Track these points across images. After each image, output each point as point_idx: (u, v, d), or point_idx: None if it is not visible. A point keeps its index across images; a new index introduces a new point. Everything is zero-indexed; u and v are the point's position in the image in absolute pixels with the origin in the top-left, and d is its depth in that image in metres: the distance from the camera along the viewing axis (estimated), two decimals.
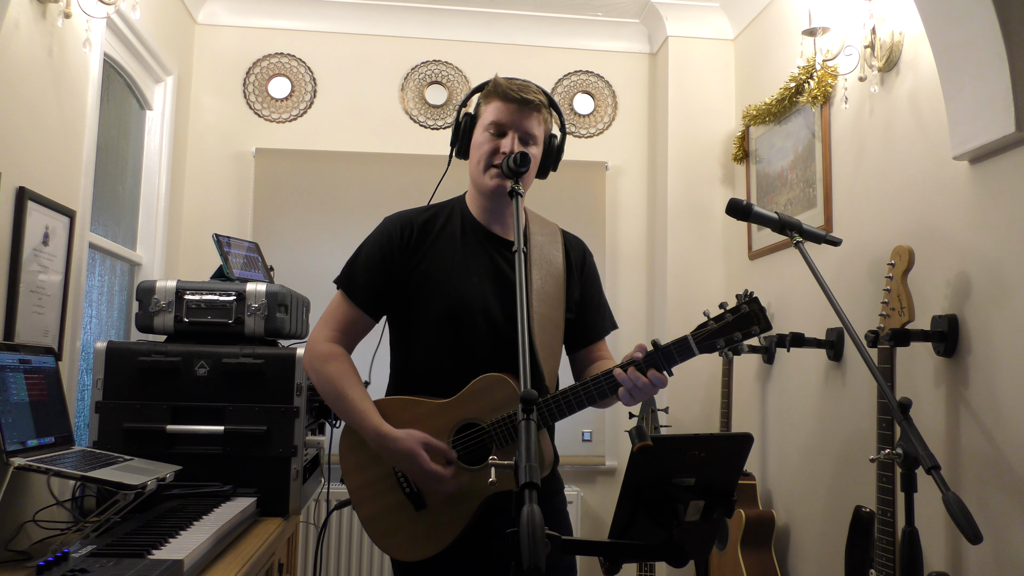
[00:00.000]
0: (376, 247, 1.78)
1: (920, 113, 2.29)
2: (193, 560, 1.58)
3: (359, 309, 1.77)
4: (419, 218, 1.80)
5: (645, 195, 3.90)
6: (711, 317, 1.53)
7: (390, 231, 1.78)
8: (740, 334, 1.51)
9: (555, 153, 1.82)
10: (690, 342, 1.53)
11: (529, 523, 0.93)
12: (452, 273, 1.74)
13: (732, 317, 1.52)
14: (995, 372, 1.95)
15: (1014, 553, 1.87)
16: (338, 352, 1.76)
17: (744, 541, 2.85)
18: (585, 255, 1.89)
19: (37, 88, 2.14)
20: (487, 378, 1.65)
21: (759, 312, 1.51)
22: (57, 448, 1.92)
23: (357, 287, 1.77)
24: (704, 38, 3.74)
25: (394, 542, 1.70)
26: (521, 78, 1.78)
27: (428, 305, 1.73)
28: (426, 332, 1.74)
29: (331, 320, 1.78)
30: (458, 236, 1.78)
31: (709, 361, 3.47)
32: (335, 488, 3.32)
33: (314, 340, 1.78)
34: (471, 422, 1.65)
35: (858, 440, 2.51)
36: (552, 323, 1.74)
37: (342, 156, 3.68)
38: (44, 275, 2.16)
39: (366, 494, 1.72)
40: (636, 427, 1.15)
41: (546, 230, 1.85)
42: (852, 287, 2.55)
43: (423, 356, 1.75)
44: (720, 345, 1.52)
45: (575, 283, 1.83)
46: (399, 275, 1.76)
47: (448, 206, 1.85)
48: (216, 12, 3.67)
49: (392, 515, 1.69)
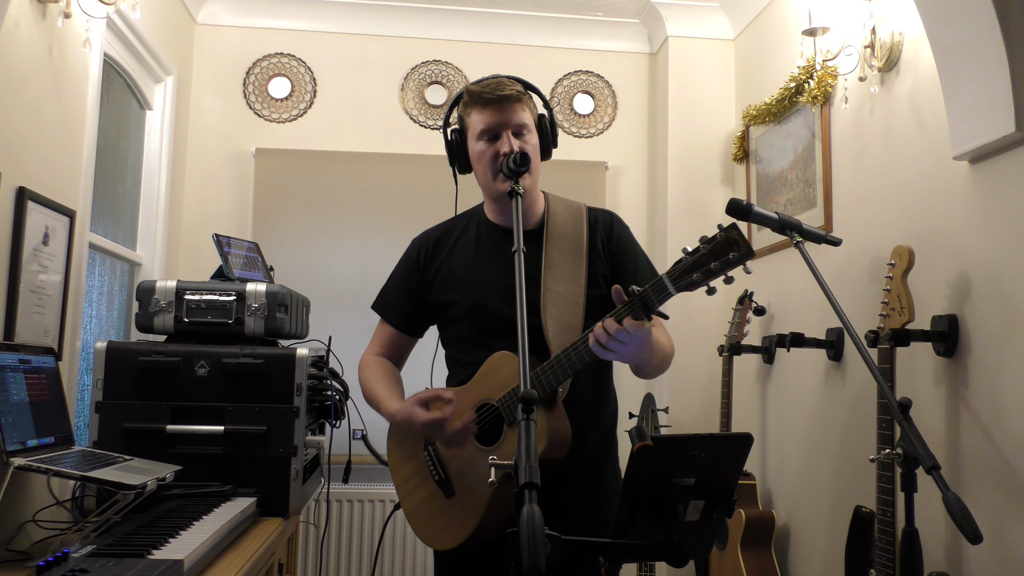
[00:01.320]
0: (402, 269, 1.94)
1: (920, 113, 2.29)
2: (193, 560, 1.58)
3: (394, 328, 1.94)
4: (436, 233, 1.92)
5: (645, 195, 3.90)
6: (687, 252, 1.43)
7: (411, 252, 1.93)
8: (718, 263, 1.37)
9: (550, 130, 1.83)
10: (665, 282, 1.44)
11: (529, 523, 0.93)
12: (467, 275, 1.82)
13: (707, 248, 1.39)
14: (995, 372, 1.95)
15: (1014, 553, 1.87)
16: (375, 359, 1.95)
17: (744, 541, 2.85)
18: (613, 226, 1.85)
19: (37, 88, 2.14)
20: (495, 356, 1.72)
21: (737, 237, 1.37)
22: (57, 448, 1.92)
23: (389, 309, 1.95)
24: (704, 38, 3.74)
25: (430, 532, 1.78)
26: (489, 76, 1.79)
27: (451, 309, 1.84)
28: (455, 332, 1.85)
29: (376, 340, 1.99)
30: (473, 241, 1.85)
31: (709, 361, 3.47)
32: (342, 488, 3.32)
33: (362, 357, 1.98)
34: (485, 401, 1.71)
35: (858, 440, 2.50)
36: (568, 299, 1.74)
37: (342, 156, 3.68)
38: (44, 275, 2.16)
39: (408, 487, 1.83)
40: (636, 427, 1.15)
41: (570, 210, 1.86)
42: (852, 287, 2.55)
43: (457, 354, 1.86)
44: (697, 279, 1.40)
45: (599, 258, 1.81)
46: (421, 291, 1.89)
47: (466, 216, 1.92)
48: (216, 12, 3.67)
49: (428, 506, 1.78)
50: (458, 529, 1.71)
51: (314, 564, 3.39)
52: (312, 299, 2.90)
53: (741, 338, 3.02)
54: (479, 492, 1.68)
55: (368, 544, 3.46)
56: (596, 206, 1.90)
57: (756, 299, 3.02)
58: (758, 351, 3.15)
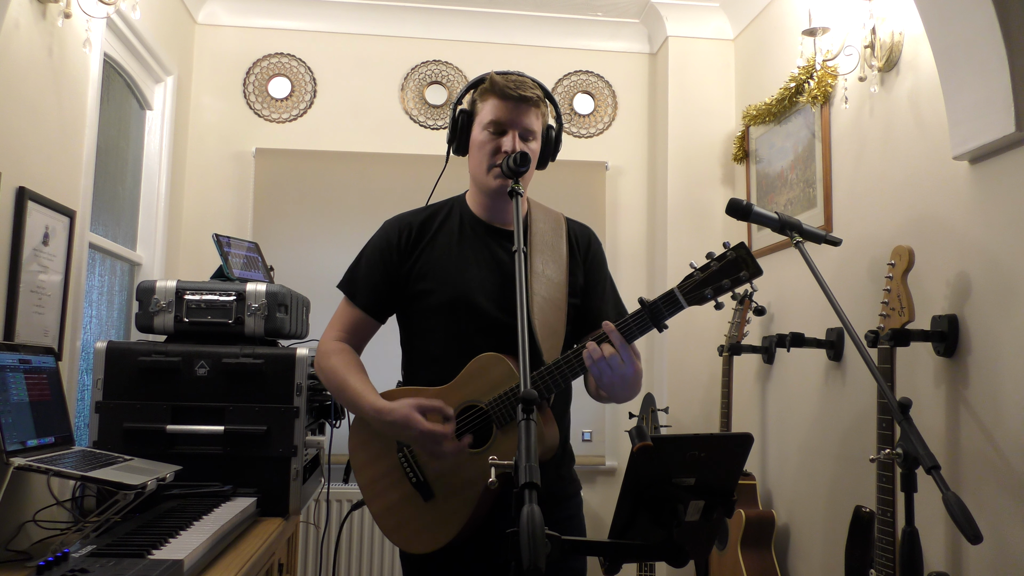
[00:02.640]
0: (376, 251, 1.82)
1: (920, 113, 2.29)
2: (193, 560, 1.58)
3: (362, 311, 1.82)
4: (417, 218, 1.83)
5: (645, 195, 3.90)
6: (696, 268, 1.49)
7: (388, 234, 1.82)
8: (728, 281, 1.46)
9: (553, 144, 1.82)
10: (676, 295, 1.49)
11: (529, 523, 0.93)
12: (449, 265, 1.76)
13: (718, 265, 1.46)
14: (995, 372, 1.95)
15: (1014, 553, 1.87)
16: (341, 347, 1.81)
17: (744, 541, 2.85)
18: (590, 241, 1.88)
19: (37, 88, 2.14)
20: (482, 358, 1.66)
21: (746, 256, 1.45)
22: (57, 448, 1.92)
23: (358, 290, 1.82)
24: (704, 38, 3.74)
25: (404, 535, 1.72)
26: (516, 72, 1.77)
27: (428, 298, 1.76)
28: (428, 324, 1.77)
29: (337, 323, 1.84)
30: (456, 231, 1.80)
31: (709, 361, 3.47)
32: (342, 488, 3.32)
33: (321, 342, 1.84)
34: (471, 404, 1.66)
35: (858, 440, 2.50)
36: (553, 304, 1.74)
37: (342, 156, 3.68)
38: (44, 275, 2.16)
39: (376, 489, 1.75)
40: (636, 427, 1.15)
41: (549, 218, 1.86)
42: (852, 287, 2.55)
43: (427, 348, 1.78)
44: (709, 295, 1.47)
45: (578, 268, 1.82)
46: (398, 276, 1.79)
47: (447, 205, 1.86)
48: (216, 12, 3.67)
49: (402, 508, 1.71)
50: (439, 532, 1.66)
51: (314, 564, 3.39)
52: (312, 299, 2.90)
53: (741, 338, 3.02)
54: (465, 494, 1.64)
55: (368, 544, 3.46)
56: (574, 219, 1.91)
57: (756, 299, 3.02)
58: (758, 351, 3.15)
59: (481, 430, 1.65)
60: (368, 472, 1.77)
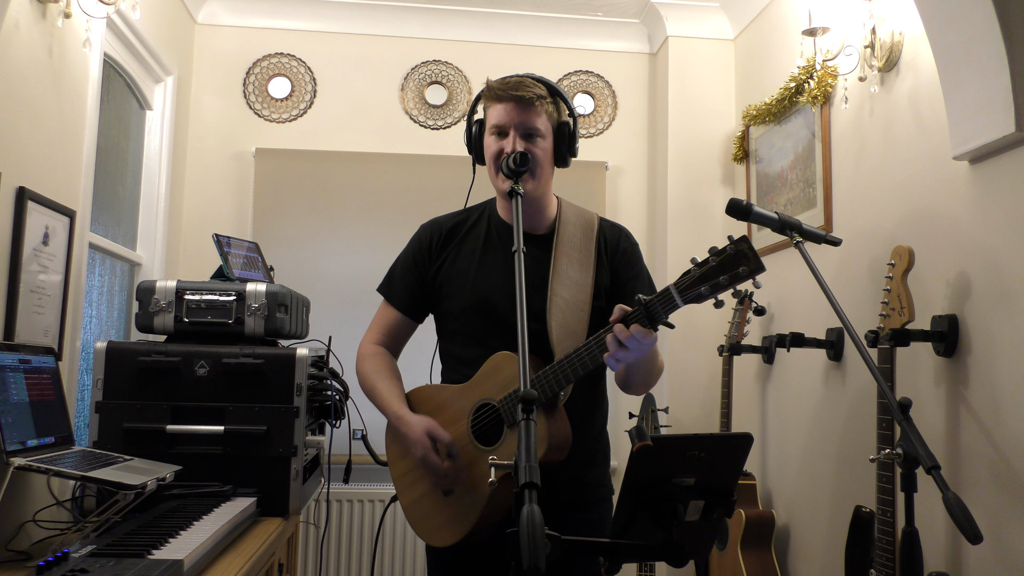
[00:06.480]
0: (410, 253, 1.92)
1: (920, 113, 2.29)
2: (193, 560, 1.58)
3: (399, 312, 1.92)
4: (449, 222, 1.91)
5: (645, 195, 3.90)
6: (696, 263, 1.42)
7: (421, 236, 1.92)
8: (726, 277, 1.36)
9: (568, 139, 1.79)
10: (672, 293, 1.43)
11: (529, 523, 0.93)
12: (472, 270, 1.82)
13: (716, 260, 1.39)
14: (995, 372, 1.95)
15: (1014, 553, 1.87)
16: (377, 351, 1.92)
17: (744, 541, 2.85)
18: (620, 241, 1.86)
19: (37, 88, 2.14)
20: (496, 357, 1.71)
21: (747, 250, 1.37)
22: (57, 448, 1.92)
23: (394, 291, 1.93)
24: (704, 38, 3.74)
25: (427, 528, 1.78)
26: (518, 74, 1.78)
27: (451, 301, 1.84)
28: (453, 326, 1.85)
29: (376, 325, 1.95)
30: (482, 236, 1.86)
31: (709, 361, 3.47)
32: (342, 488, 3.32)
33: (360, 345, 1.95)
34: (486, 402, 1.71)
35: (858, 440, 2.50)
36: (574, 306, 1.75)
37: (342, 156, 3.68)
38: (44, 275, 2.16)
39: (406, 482, 1.83)
40: (636, 427, 1.14)
41: (580, 219, 1.86)
42: (852, 287, 2.55)
43: (453, 349, 1.86)
44: (705, 292, 1.39)
45: (604, 270, 1.82)
46: (430, 277, 1.88)
47: (480, 208, 1.92)
48: (216, 12, 3.67)
49: (425, 502, 1.78)
50: (456, 527, 1.72)
51: (314, 564, 3.39)
52: (312, 299, 2.90)
53: (741, 338, 3.02)
54: (478, 491, 1.68)
55: (368, 544, 3.46)
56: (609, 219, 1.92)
57: (756, 299, 3.02)
58: (758, 351, 3.15)
59: (494, 427, 1.69)
60: (400, 465, 1.85)
